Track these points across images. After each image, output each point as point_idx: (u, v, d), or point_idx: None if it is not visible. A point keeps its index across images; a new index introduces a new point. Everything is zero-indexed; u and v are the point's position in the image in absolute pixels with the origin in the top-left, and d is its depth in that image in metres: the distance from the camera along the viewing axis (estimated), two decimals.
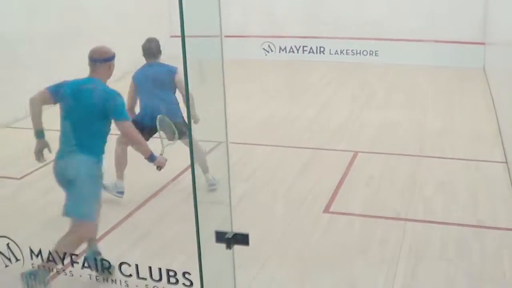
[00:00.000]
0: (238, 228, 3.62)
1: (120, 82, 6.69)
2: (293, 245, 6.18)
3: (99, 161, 5.51)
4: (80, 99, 5.42)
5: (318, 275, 5.60)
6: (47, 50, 11.28)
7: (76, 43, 11.68)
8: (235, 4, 13.60)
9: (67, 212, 5.39)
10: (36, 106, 5.44)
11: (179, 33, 3.14)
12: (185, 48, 3.17)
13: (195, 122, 4.76)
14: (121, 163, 7.26)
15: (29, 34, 10.80)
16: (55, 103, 5.47)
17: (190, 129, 3.41)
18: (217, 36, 3.50)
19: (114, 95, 5.45)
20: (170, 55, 14.41)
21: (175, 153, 6.92)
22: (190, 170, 3.61)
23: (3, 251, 5.34)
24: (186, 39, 3.16)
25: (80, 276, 5.22)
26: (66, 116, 5.43)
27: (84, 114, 5.40)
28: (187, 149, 4.49)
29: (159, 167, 5.99)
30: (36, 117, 5.43)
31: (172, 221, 6.76)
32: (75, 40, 11.65)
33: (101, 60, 5.52)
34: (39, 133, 5.49)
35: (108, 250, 5.83)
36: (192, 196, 3.48)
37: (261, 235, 5.96)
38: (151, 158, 5.77)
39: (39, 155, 5.55)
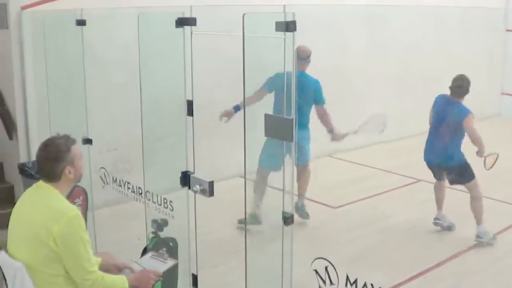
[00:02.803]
0: None
1: None
2: None
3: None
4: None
5: None
6: (383, 88, 11.79)
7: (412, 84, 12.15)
8: None
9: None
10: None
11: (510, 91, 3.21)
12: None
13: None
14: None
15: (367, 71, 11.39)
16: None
17: None
18: None
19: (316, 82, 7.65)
20: (499, 113, 14.20)
21: None
22: None
23: (320, 272, 5.73)
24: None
25: None
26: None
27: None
28: None
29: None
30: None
31: (481, 279, 6.70)
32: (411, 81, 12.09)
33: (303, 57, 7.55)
34: (237, 107, 7.39)
35: None
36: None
37: None
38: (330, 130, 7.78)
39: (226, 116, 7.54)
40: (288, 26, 4.11)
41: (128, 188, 6.03)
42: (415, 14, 12.26)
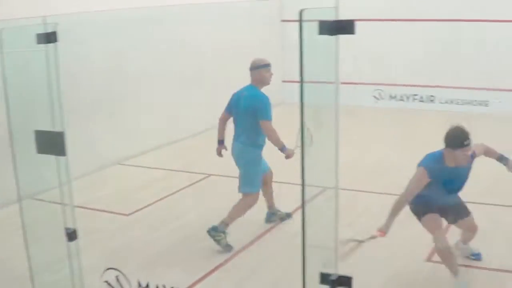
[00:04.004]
0: (342, 272, 3.74)
1: None
2: None
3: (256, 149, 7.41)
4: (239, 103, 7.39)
5: None
6: (169, 90, 11.82)
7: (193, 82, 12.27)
8: (346, 51, 13.69)
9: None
10: (221, 124, 7.75)
11: (291, 79, 3.33)
12: (302, 94, 3.34)
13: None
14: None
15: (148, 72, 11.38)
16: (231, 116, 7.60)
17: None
18: (333, 83, 3.66)
19: (260, 98, 7.23)
20: (283, 100, 14.72)
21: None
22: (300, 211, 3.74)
23: (112, 283, 5.68)
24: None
25: None
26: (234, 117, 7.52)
27: (242, 114, 7.31)
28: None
29: (288, 157, 7.19)
30: (221, 130, 7.73)
31: (277, 262, 6.90)
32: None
33: (251, 68, 7.37)
34: (220, 141, 7.74)
35: None
36: (295, 238, 3.61)
37: (364, 280, 6.01)
38: (282, 149, 7.20)
39: (219, 152, 7.77)
40: (49, 38, 3.98)
41: None
42: (192, 12, 12.37)
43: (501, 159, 6.43)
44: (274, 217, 8.08)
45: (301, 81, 3.29)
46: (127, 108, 10.97)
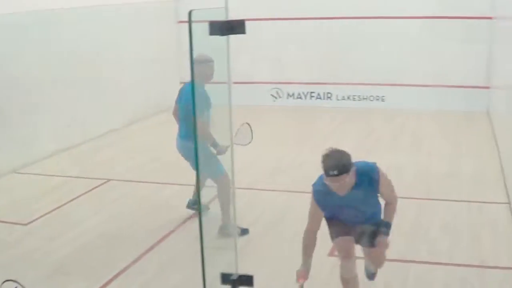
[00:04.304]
0: (244, 271, 3.75)
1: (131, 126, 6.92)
2: None
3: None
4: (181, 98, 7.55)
5: None
6: (63, 95, 11.62)
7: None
8: (244, 51, 13.76)
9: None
10: (175, 117, 7.74)
11: (188, 80, 3.32)
12: (194, 95, 3.33)
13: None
14: None
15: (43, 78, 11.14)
16: None
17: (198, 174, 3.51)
18: (225, 83, 3.67)
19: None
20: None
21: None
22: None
23: None
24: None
25: None
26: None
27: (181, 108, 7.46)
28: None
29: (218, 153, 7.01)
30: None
31: (179, 265, 6.87)
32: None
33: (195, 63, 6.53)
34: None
35: None
36: (198, 240, 3.60)
37: (267, 278, 6.07)
38: (213, 145, 7.03)
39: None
40: None
41: None
42: (85, 13, 12.18)
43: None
44: (196, 206, 8.04)
45: (193, 82, 3.28)
46: (19, 115, 10.69)
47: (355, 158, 5.01)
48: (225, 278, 3.78)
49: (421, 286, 6.23)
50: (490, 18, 13.77)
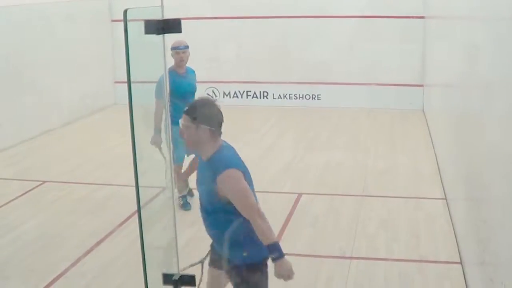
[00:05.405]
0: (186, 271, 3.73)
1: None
2: None
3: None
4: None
5: None
6: None
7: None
8: None
9: None
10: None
11: (123, 79, 3.28)
12: (131, 94, 3.28)
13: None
14: None
15: None
16: None
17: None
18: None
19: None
20: (115, 101, 14.56)
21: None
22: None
23: None
24: (132, 84, 3.28)
25: None
26: None
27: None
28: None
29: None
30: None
31: (120, 266, 6.79)
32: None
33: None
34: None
35: None
36: (138, 240, 3.56)
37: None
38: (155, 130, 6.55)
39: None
40: None
41: None
42: (16, 12, 11.95)
43: None
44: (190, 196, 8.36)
45: (129, 81, 3.24)
46: None
47: (293, 156, 5.02)
48: (167, 278, 3.75)
49: (362, 282, 6.29)
50: (423, 17, 14.00)
